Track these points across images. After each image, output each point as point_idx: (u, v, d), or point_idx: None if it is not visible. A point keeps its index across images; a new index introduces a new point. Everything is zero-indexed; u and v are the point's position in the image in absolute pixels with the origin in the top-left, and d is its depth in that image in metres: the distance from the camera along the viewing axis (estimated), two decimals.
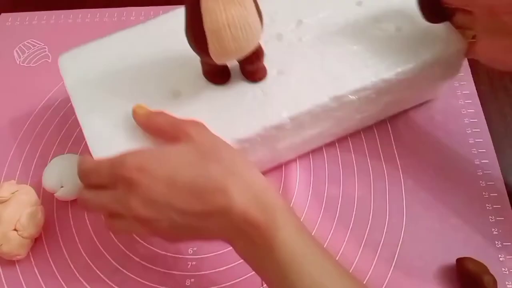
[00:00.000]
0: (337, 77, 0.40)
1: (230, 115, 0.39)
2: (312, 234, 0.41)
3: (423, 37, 0.41)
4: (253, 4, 0.33)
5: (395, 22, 0.42)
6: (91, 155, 0.37)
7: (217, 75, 0.40)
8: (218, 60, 0.35)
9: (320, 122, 0.41)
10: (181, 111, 0.38)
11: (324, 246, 0.38)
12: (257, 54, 0.37)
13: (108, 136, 0.38)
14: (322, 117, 0.40)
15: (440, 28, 0.42)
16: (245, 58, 0.37)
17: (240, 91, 0.40)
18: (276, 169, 0.45)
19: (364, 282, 0.38)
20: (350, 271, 0.38)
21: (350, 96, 0.39)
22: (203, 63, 0.39)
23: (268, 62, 0.40)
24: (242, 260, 0.40)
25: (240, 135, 0.38)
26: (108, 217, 0.33)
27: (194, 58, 0.37)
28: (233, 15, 0.32)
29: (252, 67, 0.39)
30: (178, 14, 0.36)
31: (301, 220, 0.38)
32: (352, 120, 0.43)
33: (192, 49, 0.35)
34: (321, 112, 0.39)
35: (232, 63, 0.40)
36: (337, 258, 0.39)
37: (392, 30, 0.42)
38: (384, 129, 0.47)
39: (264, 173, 0.45)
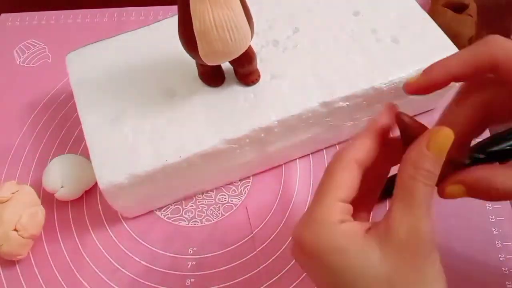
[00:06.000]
0: (329, 83, 0.40)
1: (221, 116, 0.39)
2: None
3: (418, 47, 0.42)
4: (241, 8, 0.34)
5: (391, 33, 0.43)
6: (89, 154, 0.38)
7: (212, 77, 0.41)
8: (207, 61, 0.36)
9: (310, 127, 0.41)
10: (175, 110, 0.40)
11: None
12: (248, 58, 0.38)
13: (106, 133, 0.39)
14: (311, 122, 0.40)
15: (436, 38, 0.42)
16: (237, 61, 0.38)
17: (232, 94, 0.40)
18: (276, 169, 0.45)
19: None
20: None
21: (340, 102, 0.40)
22: (198, 65, 0.40)
23: (262, 66, 0.41)
24: (241, 260, 0.40)
25: (229, 135, 0.38)
26: None
27: (192, 61, 0.38)
28: (220, 17, 0.32)
29: (244, 70, 0.40)
30: None
31: None
32: (343, 127, 0.44)
33: (185, 50, 0.36)
34: (310, 117, 0.40)
35: (227, 66, 0.40)
36: None
37: (388, 40, 0.42)
38: None
39: (263, 173, 0.45)
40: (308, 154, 0.46)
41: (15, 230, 0.39)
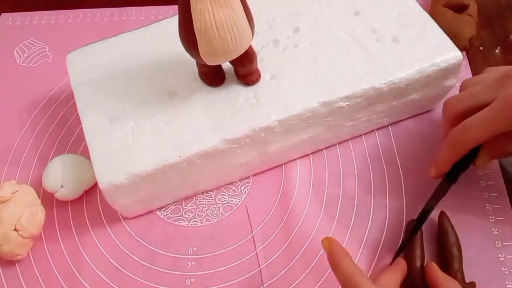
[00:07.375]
0: (329, 83, 0.40)
1: (221, 116, 0.39)
2: (312, 234, 0.41)
3: (418, 48, 0.42)
4: (241, 7, 0.34)
5: (391, 33, 0.43)
6: (89, 154, 0.38)
7: (212, 77, 0.41)
8: (208, 61, 0.36)
9: (310, 127, 0.41)
10: (175, 110, 0.40)
11: None
12: (249, 57, 0.38)
13: (106, 133, 0.39)
14: (312, 122, 0.40)
15: (436, 38, 0.42)
16: (237, 61, 0.38)
17: (233, 93, 0.41)
18: (276, 169, 0.45)
19: None
20: None
21: (340, 102, 0.40)
22: (198, 65, 0.40)
23: (262, 66, 0.41)
24: (242, 260, 0.40)
25: (229, 135, 0.38)
26: None
27: (192, 61, 0.38)
28: (220, 17, 0.32)
29: (244, 70, 0.40)
30: None
31: (301, 220, 0.38)
32: (343, 127, 0.44)
33: (185, 49, 0.36)
34: (310, 117, 0.40)
35: (228, 66, 0.40)
36: None
37: (388, 40, 0.42)
38: (384, 128, 0.47)
39: (263, 173, 0.45)
40: (308, 154, 0.46)
41: (15, 230, 0.39)
